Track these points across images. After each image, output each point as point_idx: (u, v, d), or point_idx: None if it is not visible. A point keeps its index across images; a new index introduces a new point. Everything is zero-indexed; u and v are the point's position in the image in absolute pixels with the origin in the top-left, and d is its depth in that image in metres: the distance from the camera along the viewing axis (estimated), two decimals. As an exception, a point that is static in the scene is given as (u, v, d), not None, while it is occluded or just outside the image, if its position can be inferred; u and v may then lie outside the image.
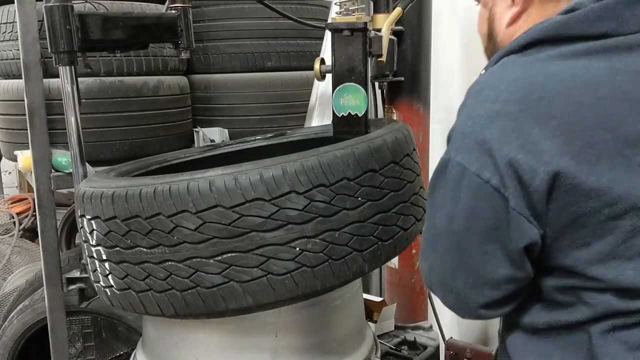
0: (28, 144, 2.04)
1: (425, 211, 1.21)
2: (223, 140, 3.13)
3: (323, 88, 2.60)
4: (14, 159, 2.97)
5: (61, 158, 2.11)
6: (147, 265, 1.33)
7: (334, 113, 1.80)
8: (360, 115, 1.76)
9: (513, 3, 1.16)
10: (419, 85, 2.44)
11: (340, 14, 1.80)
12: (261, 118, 3.37)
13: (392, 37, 2.25)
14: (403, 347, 2.27)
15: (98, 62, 2.80)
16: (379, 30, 1.93)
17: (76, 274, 2.13)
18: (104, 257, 1.40)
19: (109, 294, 1.45)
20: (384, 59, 1.88)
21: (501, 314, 1.12)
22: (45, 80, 2.05)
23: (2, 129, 3.10)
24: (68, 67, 1.85)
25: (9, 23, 2.90)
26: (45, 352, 2.20)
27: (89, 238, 1.44)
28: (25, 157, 2.44)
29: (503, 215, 0.98)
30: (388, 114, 2.49)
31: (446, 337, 2.51)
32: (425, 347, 2.27)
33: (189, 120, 3.34)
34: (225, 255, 1.28)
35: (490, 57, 1.18)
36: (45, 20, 1.81)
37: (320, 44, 2.94)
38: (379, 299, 2.41)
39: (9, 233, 3.46)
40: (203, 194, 1.26)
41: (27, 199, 3.60)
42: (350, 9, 1.78)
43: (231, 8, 3.35)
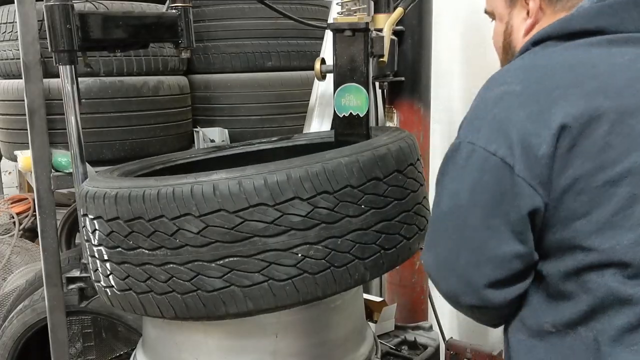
0: (28, 144, 2.03)
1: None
2: (224, 141, 3.13)
3: (323, 88, 2.59)
4: (14, 159, 2.97)
5: (61, 158, 2.11)
6: (149, 267, 1.33)
7: (335, 113, 1.79)
8: (361, 115, 1.76)
9: (527, 15, 1.21)
10: (420, 85, 2.44)
11: (341, 14, 1.80)
12: (261, 118, 3.37)
13: (393, 37, 2.25)
14: (403, 347, 2.27)
15: (98, 62, 2.79)
16: (380, 30, 1.93)
17: (76, 273, 2.13)
18: (106, 258, 1.40)
19: (109, 294, 1.45)
20: (385, 59, 1.88)
21: (506, 299, 1.08)
22: (45, 80, 2.05)
23: (2, 129, 3.10)
24: (68, 67, 1.85)
25: (9, 23, 2.90)
26: (45, 352, 2.20)
27: (91, 238, 1.44)
28: (25, 157, 2.44)
29: (508, 185, 1.00)
30: (388, 114, 2.49)
31: (446, 337, 2.51)
32: (425, 347, 2.27)
33: (189, 120, 3.33)
34: (227, 260, 1.28)
35: None
36: (45, 19, 1.80)
37: (321, 43, 2.94)
38: (379, 299, 2.41)
39: (9, 233, 3.46)
40: (207, 198, 1.26)
41: (27, 199, 3.59)
42: (352, 9, 1.78)
43: (231, 8, 3.35)
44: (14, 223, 3.48)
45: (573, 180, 0.98)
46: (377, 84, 2.44)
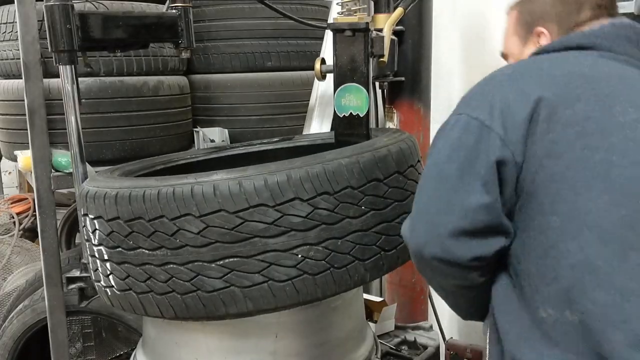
0: (28, 144, 2.03)
1: None
2: (224, 141, 3.13)
3: (323, 88, 2.59)
4: (14, 159, 2.96)
5: (61, 158, 2.11)
6: (149, 267, 1.33)
7: (335, 113, 1.79)
8: (361, 115, 1.76)
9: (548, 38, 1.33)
10: (420, 85, 2.44)
11: (342, 14, 1.80)
12: (261, 118, 3.36)
13: (393, 37, 2.25)
14: (403, 347, 2.27)
15: (98, 62, 2.79)
16: (380, 30, 1.93)
17: (76, 273, 2.13)
18: (106, 257, 1.40)
19: (109, 294, 1.45)
20: (385, 59, 1.88)
21: (468, 255, 1.09)
22: (45, 80, 2.05)
23: (2, 129, 3.09)
24: (68, 67, 1.85)
25: (9, 23, 2.90)
26: (45, 352, 2.20)
27: (91, 237, 1.44)
28: (25, 157, 2.43)
29: (483, 142, 1.08)
30: (389, 114, 2.49)
31: (446, 337, 2.51)
32: (425, 347, 2.27)
33: (189, 120, 3.33)
34: (227, 260, 1.28)
35: None
36: (45, 19, 1.80)
37: (321, 43, 2.94)
38: (379, 299, 2.41)
39: (9, 233, 3.46)
40: (207, 198, 1.26)
41: (27, 199, 3.59)
42: (352, 9, 1.78)
43: (231, 8, 3.34)
44: (14, 223, 3.48)
45: (553, 144, 1.05)
46: (377, 84, 2.44)
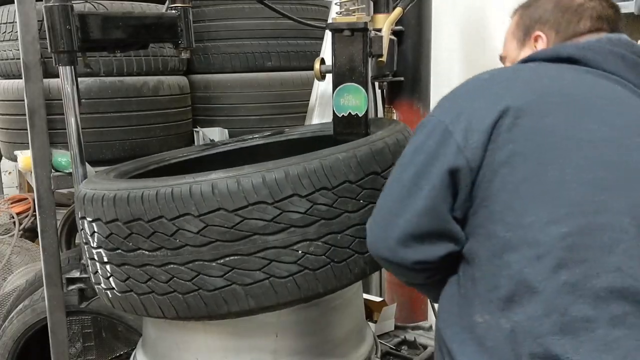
0: (28, 144, 2.03)
1: None
2: (221, 139, 3.13)
3: (323, 88, 2.59)
4: (14, 159, 2.96)
5: (61, 158, 2.11)
6: (149, 268, 1.33)
7: (334, 113, 1.80)
8: (360, 115, 1.76)
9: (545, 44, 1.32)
10: (419, 85, 2.44)
11: (340, 14, 1.80)
12: (261, 118, 3.37)
13: (392, 37, 2.25)
14: (403, 347, 2.27)
15: (98, 62, 2.79)
16: (379, 30, 1.93)
17: (76, 274, 2.13)
18: (105, 260, 1.40)
19: (110, 296, 1.45)
20: (384, 59, 1.88)
21: (415, 260, 1.10)
22: (45, 80, 2.05)
23: (2, 129, 3.09)
24: (68, 67, 1.85)
25: (9, 23, 2.90)
26: (45, 352, 2.20)
27: (90, 240, 1.43)
28: (25, 157, 2.43)
29: (441, 147, 1.08)
30: (388, 114, 2.49)
31: (446, 337, 2.50)
32: (425, 347, 2.27)
33: (189, 120, 3.33)
34: (227, 258, 1.28)
35: None
36: (45, 20, 1.80)
37: (320, 44, 2.94)
38: (379, 299, 2.41)
39: (9, 233, 3.46)
40: (205, 197, 1.26)
41: (27, 199, 3.59)
42: (351, 9, 1.78)
43: (231, 8, 3.34)
44: (14, 223, 3.48)
45: (512, 154, 1.04)
46: (377, 84, 2.44)
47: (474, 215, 1.08)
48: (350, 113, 1.77)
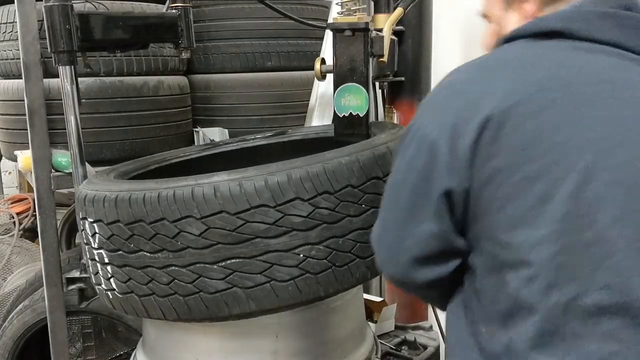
0: (28, 144, 2.03)
1: None
2: (222, 140, 3.13)
3: (323, 88, 2.59)
4: (14, 159, 2.96)
5: (61, 158, 2.11)
6: (150, 270, 1.33)
7: (335, 113, 1.79)
8: (361, 115, 1.76)
9: (521, 17, 1.18)
10: (420, 85, 2.43)
11: (341, 14, 1.80)
12: (261, 118, 3.37)
13: (393, 37, 2.25)
14: (403, 347, 2.27)
15: (98, 62, 2.79)
16: (380, 30, 1.93)
17: (76, 274, 2.13)
18: (107, 261, 1.40)
19: (110, 297, 1.45)
20: (385, 59, 1.88)
21: (428, 279, 1.09)
22: (45, 80, 2.05)
23: (2, 129, 3.09)
24: (68, 67, 1.85)
25: (9, 23, 2.89)
26: (45, 352, 2.20)
27: (91, 241, 1.43)
28: (25, 157, 2.43)
29: (432, 166, 1.03)
30: (389, 114, 2.49)
31: (446, 338, 2.50)
32: (425, 347, 2.27)
33: (189, 120, 3.32)
34: (229, 261, 1.28)
35: None
36: (45, 20, 1.80)
37: (321, 44, 2.94)
38: (379, 299, 2.41)
39: (9, 233, 3.46)
40: (208, 200, 1.26)
41: (27, 199, 3.59)
42: (352, 9, 1.78)
43: (231, 8, 3.34)
44: (14, 223, 3.48)
45: (494, 172, 0.99)
46: (377, 84, 2.44)
47: (471, 230, 1.06)
48: (351, 113, 1.77)
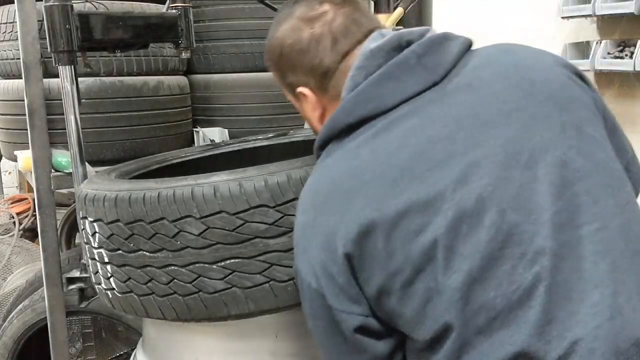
0: (28, 144, 2.03)
1: None
2: (223, 141, 3.13)
3: (323, 88, 2.59)
4: (14, 159, 2.97)
5: (61, 158, 2.11)
6: (150, 269, 1.33)
7: (334, 113, 1.79)
8: (361, 115, 1.75)
9: (314, 108, 1.20)
10: (420, 85, 2.43)
11: (341, 14, 1.80)
12: (261, 118, 3.37)
13: (393, 38, 2.25)
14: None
15: (98, 62, 2.79)
16: (380, 30, 1.92)
17: (76, 273, 2.13)
18: (106, 260, 1.40)
19: (110, 296, 1.45)
20: (385, 59, 1.87)
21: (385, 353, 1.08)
22: (45, 80, 2.05)
23: (2, 129, 3.10)
24: (68, 67, 1.85)
25: (9, 23, 2.90)
26: (45, 352, 2.20)
27: (91, 240, 1.43)
28: (25, 157, 2.43)
29: (329, 313, 1.03)
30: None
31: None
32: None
33: (189, 120, 3.33)
34: (228, 261, 1.28)
35: None
36: (45, 19, 1.80)
37: (321, 43, 2.93)
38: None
39: (9, 233, 3.46)
40: (207, 200, 1.26)
41: (27, 199, 3.59)
42: (351, 9, 1.78)
43: (231, 8, 3.34)
44: (14, 223, 3.48)
45: (378, 289, 0.98)
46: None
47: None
48: (350, 113, 1.77)
